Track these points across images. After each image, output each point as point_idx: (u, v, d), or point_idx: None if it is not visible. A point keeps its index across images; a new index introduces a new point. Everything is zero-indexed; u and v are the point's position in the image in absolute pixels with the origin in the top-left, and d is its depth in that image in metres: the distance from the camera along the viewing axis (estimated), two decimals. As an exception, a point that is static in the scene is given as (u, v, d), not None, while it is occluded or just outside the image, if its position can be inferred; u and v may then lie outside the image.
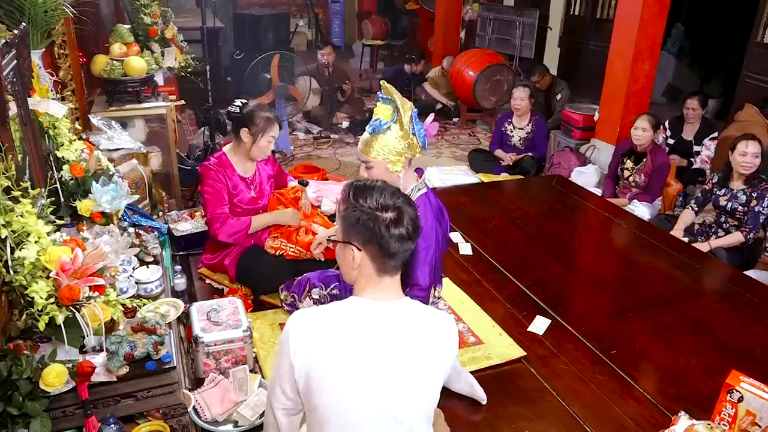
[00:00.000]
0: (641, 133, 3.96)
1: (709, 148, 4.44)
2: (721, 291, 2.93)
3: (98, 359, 1.64)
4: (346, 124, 6.12)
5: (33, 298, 1.50)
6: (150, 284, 2.11)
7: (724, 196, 3.44)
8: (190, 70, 4.03)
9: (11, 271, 1.50)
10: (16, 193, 1.61)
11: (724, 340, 2.50)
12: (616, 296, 2.88)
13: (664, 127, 4.58)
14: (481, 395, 2.09)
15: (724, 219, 3.47)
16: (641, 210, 4.00)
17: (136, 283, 2.10)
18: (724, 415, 1.82)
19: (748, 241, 3.34)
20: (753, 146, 3.30)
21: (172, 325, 1.91)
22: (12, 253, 1.51)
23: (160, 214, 3.21)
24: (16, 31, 1.94)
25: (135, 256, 2.23)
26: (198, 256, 2.97)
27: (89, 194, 2.11)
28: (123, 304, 1.76)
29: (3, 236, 1.50)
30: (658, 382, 2.24)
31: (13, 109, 1.77)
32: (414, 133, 2.08)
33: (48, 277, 1.54)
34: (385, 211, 1.34)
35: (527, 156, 4.86)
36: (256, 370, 2.22)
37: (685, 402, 2.10)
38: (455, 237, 3.29)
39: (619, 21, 4.75)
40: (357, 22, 10.53)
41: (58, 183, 2.08)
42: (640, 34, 4.50)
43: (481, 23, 7.91)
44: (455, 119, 6.73)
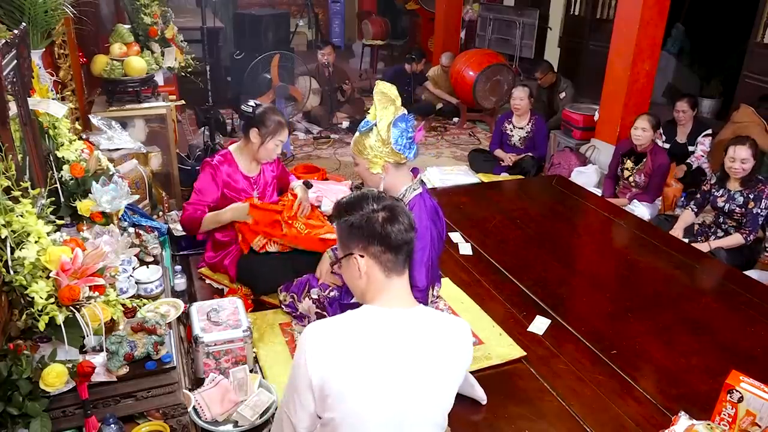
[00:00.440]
0: (641, 133, 3.96)
1: (704, 144, 4.45)
2: (721, 291, 2.93)
3: (98, 359, 1.64)
4: (346, 124, 6.12)
5: (33, 298, 1.50)
6: (150, 284, 2.11)
7: (721, 197, 3.44)
8: (190, 70, 4.03)
9: (11, 271, 1.50)
10: (16, 193, 1.61)
11: (724, 340, 2.50)
12: (616, 296, 2.88)
13: (659, 132, 4.57)
14: (481, 395, 2.09)
15: (723, 220, 3.48)
16: (641, 210, 4.00)
17: (136, 283, 2.10)
18: (724, 415, 1.82)
19: (747, 243, 3.35)
20: (741, 151, 3.29)
21: (172, 325, 1.91)
22: (12, 253, 1.51)
23: (160, 214, 3.21)
24: (16, 31, 1.94)
25: (135, 256, 2.23)
26: (198, 256, 2.97)
27: (89, 194, 2.11)
28: (123, 304, 1.76)
29: (3, 236, 1.50)
30: (658, 382, 2.24)
31: (13, 109, 1.77)
32: (394, 143, 2.06)
33: (48, 277, 1.54)
34: (376, 212, 1.37)
35: (527, 156, 4.86)
36: (256, 370, 2.22)
37: (685, 402, 2.10)
38: (455, 237, 3.30)
39: (619, 21, 4.75)
40: (357, 22, 10.53)
41: (58, 183, 2.08)
42: (640, 34, 4.50)
43: (481, 23, 7.91)
44: (455, 119, 6.73)
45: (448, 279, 2.83)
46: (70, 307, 1.54)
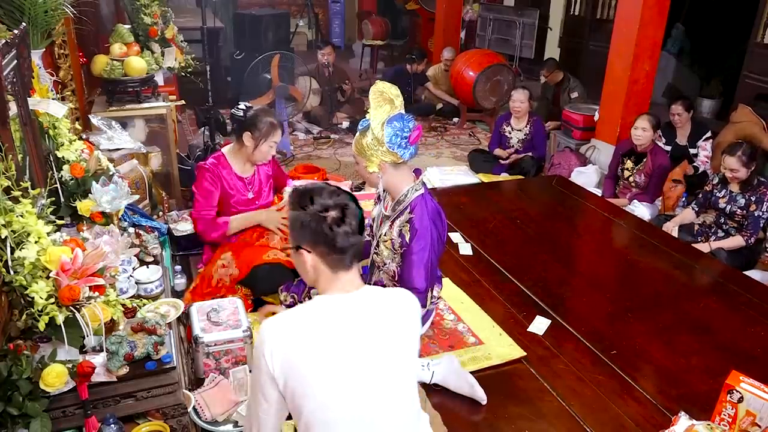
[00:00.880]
0: (641, 133, 3.96)
1: (706, 149, 4.44)
2: (721, 291, 2.93)
3: (98, 359, 1.64)
4: (346, 125, 6.12)
5: (33, 298, 1.50)
6: (150, 284, 2.11)
7: (723, 198, 3.44)
8: (190, 70, 4.03)
9: (11, 271, 1.50)
10: (16, 193, 1.61)
11: (724, 341, 2.50)
12: (616, 296, 2.88)
13: (659, 135, 4.57)
14: (481, 395, 2.09)
15: (724, 221, 3.48)
16: (641, 210, 4.00)
17: (136, 283, 2.10)
18: (724, 415, 1.82)
19: (749, 245, 3.35)
20: (731, 161, 3.30)
21: (172, 325, 1.91)
22: (12, 253, 1.51)
23: (160, 214, 3.21)
24: (16, 31, 1.94)
25: (135, 256, 2.23)
26: (198, 257, 2.97)
27: (89, 194, 2.11)
28: (123, 304, 1.76)
29: (3, 236, 1.50)
30: (658, 383, 2.24)
31: (13, 109, 1.77)
32: (387, 141, 2.06)
33: (48, 277, 1.54)
34: (327, 211, 1.38)
35: (527, 156, 4.86)
36: (256, 370, 2.22)
37: (685, 402, 2.10)
38: (455, 237, 3.30)
39: (619, 21, 4.75)
40: (357, 22, 10.53)
41: (58, 183, 2.09)
42: (640, 34, 4.50)
43: (482, 23, 7.91)
44: (455, 119, 6.73)
45: (448, 279, 2.83)
46: (70, 307, 1.54)
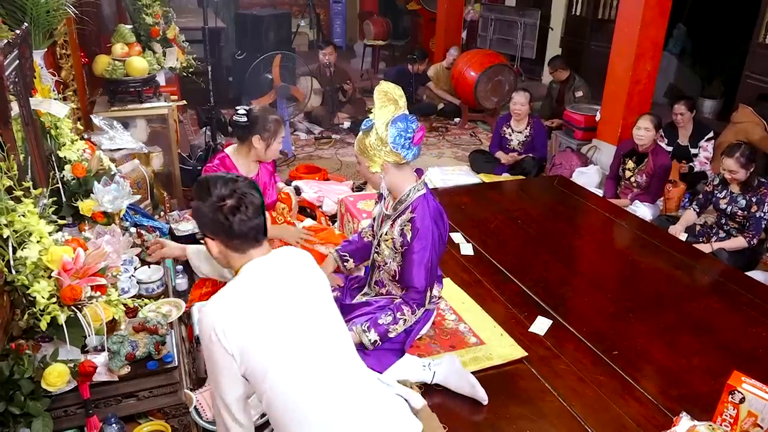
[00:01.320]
0: (644, 132, 3.96)
1: (707, 149, 4.44)
2: (723, 291, 2.92)
3: (100, 359, 1.64)
4: (347, 125, 6.12)
5: (35, 298, 1.50)
6: (151, 284, 2.11)
7: (724, 198, 3.44)
8: (191, 70, 4.04)
9: (13, 271, 1.51)
10: (18, 193, 1.62)
11: (725, 341, 2.50)
12: (618, 297, 2.88)
13: (661, 135, 4.57)
14: (482, 395, 2.09)
15: (725, 221, 3.47)
16: (643, 210, 3.99)
17: (138, 282, 2.10)
18: (726, 416, 1.82)
19: (751, 246, 3.35)
20: (729, 163, 3.30)
21: (173, 324, 1.91)
22: (14, 252, 1.51)
23: (162, 214, 3.22)
24: (18, 31, 1.94)
25: (136, 255, 2.23)
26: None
27: (91, 194, 2.12)
28: (124, 304, 1.76)
29: (5, 236, 1.50)
30: (660, 383, 2.24)
31: (15, 109, 1.78)
32: (391, 142, 2.06)
33: (50, 277, 1.54)
34: (223, 200, 1.45)
35: (528, 157, 4.86)
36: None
37: (686, 403, 2.10)
38: (456, 237, 3.29)
39: (621, 21, 4.75)
40: (358, 23, 10.53)
41: (60, 183, 2.09)
42: (642, 34, 4.50)
43: (483, 23, 7.92)
44: (456, 119, 6.73)
45: (449, 279, 2.83)
46: (72, 307, 1.55)
